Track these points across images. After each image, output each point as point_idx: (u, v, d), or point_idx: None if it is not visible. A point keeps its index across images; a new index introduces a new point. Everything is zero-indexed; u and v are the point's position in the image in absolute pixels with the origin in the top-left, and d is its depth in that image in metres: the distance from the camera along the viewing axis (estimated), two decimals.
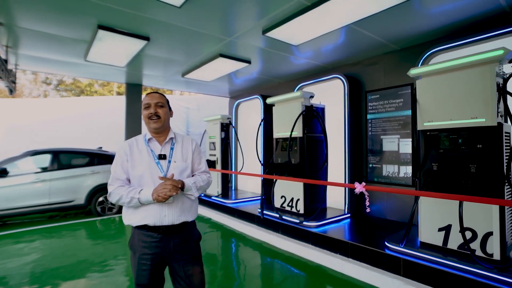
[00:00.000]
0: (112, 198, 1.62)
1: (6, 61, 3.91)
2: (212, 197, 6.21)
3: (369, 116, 4.46)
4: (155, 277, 1.65)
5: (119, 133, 6.61)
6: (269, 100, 4.84)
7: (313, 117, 4.34)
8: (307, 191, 4.23)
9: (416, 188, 2.96)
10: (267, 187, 5.23)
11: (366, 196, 2.88)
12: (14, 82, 4.65)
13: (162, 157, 1.71)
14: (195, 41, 3.86)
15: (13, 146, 6.26)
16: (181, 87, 7.66)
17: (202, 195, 6.61)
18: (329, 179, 4.56)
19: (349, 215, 4.38)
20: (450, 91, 2.71)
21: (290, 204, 4.44)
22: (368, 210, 3.05)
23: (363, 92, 4.58)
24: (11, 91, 4.53)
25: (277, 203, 4.69)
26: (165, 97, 1.79)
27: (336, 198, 4.75)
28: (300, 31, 3.40)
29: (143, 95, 1.69)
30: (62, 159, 5.67)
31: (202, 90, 7.76)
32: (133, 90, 6.54)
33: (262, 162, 5.76)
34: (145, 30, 3.47)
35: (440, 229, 2.80)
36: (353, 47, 4.12)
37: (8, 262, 3.60)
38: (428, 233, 2.87)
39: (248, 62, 4.68)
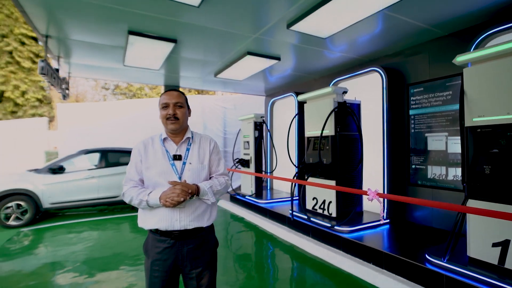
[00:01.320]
0: (125, 198, 1.57)
1: (57, 70, 4.34)
2: (246, 197, 6.21)
3: (411, 112, 4.00)
4: (168, 285, 1.58)
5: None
6: (300, 97, 4.65)
7: (346, 114, 4.04)
8: (340, 193, 3.96)
9: (465, 194, 2.55)
10: (301, 187, 5.05)
11: (380, 205, 2.56)
12: (67, 89, 5.15)
13: (177, 157, 1.61)
14: (221, 41, 3.85)
15: (78, 146, 6.96)
16: (218, 87, 7.80)
17: (236, 194, 6.66)
18: (365, 181, 4.21)
19: (387, 220, 3.99)
20: (506, 80, 2.27)
21: (322, 206, 4.21)
22: (381, 221, 2.71)
23: (404, 85, 4.13)
24: (64, 97, 5.02)
25: (309, 205, 4.49)
26: (184, 95, 1.69)
27: (374, 202, 4.37)
28: (327, 22, 3.17)
29: (162, 95, 1.63)
30: (109, 157, 6.16)
31: (238, 89, 7.80)
32: None
33: (295, 163, 5.58)
34: (171, 33, 3.56)
35: (494, 245, 2.37)
36: (391, 36, 3.73)
37: (59, 250, 4.01)
38: (479, 248, 2.45)
39: (278, 58, 4.53)
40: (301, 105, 5.53)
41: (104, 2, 2.86)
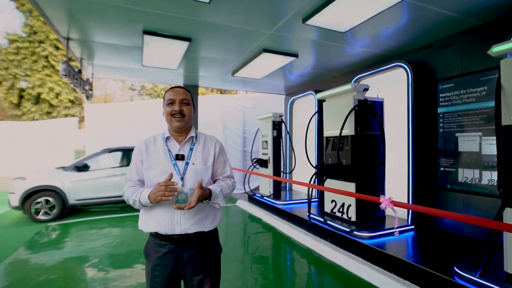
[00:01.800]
0: (124, 199, 1.54)
1: (80, 71, 4.49)
2: (264, 197, 6.11)
3: (440, 110, 3.69)
4: None
5: None
6: (319, 96, 4.46)
7: (368, 112, 3.81)
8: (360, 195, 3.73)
9: (502, 201, 2.27)
10: (321, 191, 4.86)
11: (395, 215, 2.33)
12: (90, 90, 5.33)
13: (179, 157, 1.54)
14: (236, 38, 3.78)
15: (104, 145, 7.22)
16: (238, 87, 7.76)
17: (254, 194, 6.57)
18: (388, 184, 3.95)
19: (412, 227, 3.72)
20: None
21: (341, 209, 4.01)
22: (396, 233, 2.48)
23: (432, 81, 3.82)
24: (88, 97, 5.20)
25: (328, 207, 4.30)
26: (190, 93, 1.63)
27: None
28: (345, 15, 2.98)
29: (168, 92, 1.57)
30: (131, 156, 6.31)
31: (258, 88, 7.71)
32: (190, 90, 6.84)
33: (314, 164, 5.39)
34: (185, 31, 3.53)
35: None
36: (418, 28, 3.45)
37: (80, 245, 4.15)
38: None
39: (295, 55, 4.38)
40: (320, 103, 5.33)
41: (120, 2, 2.88)
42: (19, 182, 5.39)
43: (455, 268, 2.45)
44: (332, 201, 4.17)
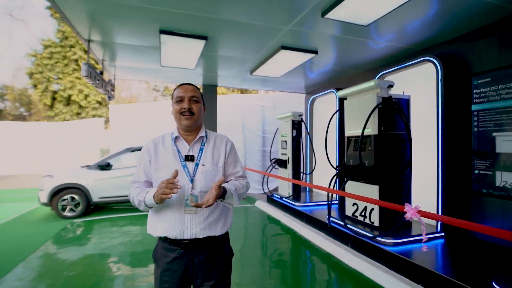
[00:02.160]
0: (130, 201, 1.48)
1: (102, 72, 4.60)
2: (283, 198, 5.98)
3: (474, 107, 3.38)
4: None
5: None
6: (340, 93, 4.27)
7: (393, 110, 3.57)
8: (383, 198, 3.51)
9: None
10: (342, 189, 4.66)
11: (422, 227, 2.11)
12: (112, 90, 5.46)
13: (189, 158, 1.46)
14: (252, 35, 3.68)
15: (127, 145, 7.43)
16: (257, 85, 7.69)
17: (273, 195, 6.45)
18: (415, 187, 3.68)
19: (443, 234, 3.44)
20: None
21: (363, 213, 3.79)
22: (424, 248, 2.25)
23: (465, 76, 3.51)
24: (110, 98, 5.33)
25: (349, 210, 4.09)
26: (199, 90, 1.56)
27: (425, 208, 3.82)
28: (367, 6, 2.79)
29: (176, 89, 1.51)
30: None
31: (277, 87, 7.59)
32: (209, 90, 6.88)
33: (336, 165, 5.18)
34: (201, 29, 3.49)
35: None
36: (449, 18, 3.18)
37: (101, 242, 4.25)
38: None
39: (315, 52, 4.21)
40: (341, 102, 5.12)
41: (137, 2, 2.88)
42: (47, 179, 5.63)
43: (494, 284, 2.20)
44: (354, 204, 3.97)
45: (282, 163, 6.31)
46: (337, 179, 4.23)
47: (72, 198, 5.66)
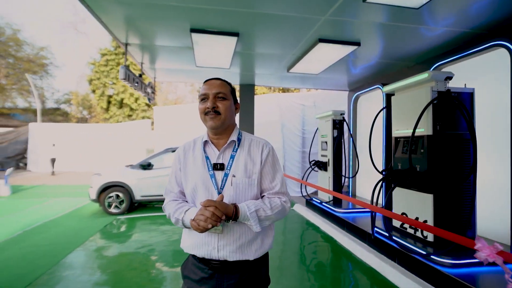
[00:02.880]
0: (166, 214, 1.31)
1: (141, 75, 4.73)
2: (323, 203, 5.60)
3: None
4: None
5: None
6: (386, 88, 3.80)
7: (451, 106, 3.04)
8: (439, 209, 3.01)
9: None
10: (387, 196, 4.18)
11: (507, 277, 1.61)
12: (153, 93, 5.63)
13: (218, 167, 1.25)
14: (286, 28, 3.42)
15: (170, 145, 7.70)
16: (296, 84, 7.40)
17: (312, 199, 6.10)
18: (480, 198, 3.09)
19: None
20: None
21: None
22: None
23: None
24: (150, 100, 5.49)
25: (396, 221, 3.61)
26: (229, 85, 1.34)
27: (493, 224, 3.21)
28: None
29: (202, 86, 1.35)
30: None
31: (318, 84, 7.20)
32: (246, 90, 6.76)
33: (381, 168, 4.67)
34: (232, 25, 3.34)
35: None
36: None
37: (141, 240, 4.39)
38: None
39: (357, 44, 3.81)
40: (389, 98, 4.60)
41: (166, 1, 2.83)
42: (96, 177, 6.02)
43: None
44: (403, 213, 3.48)
45: (322, 166, 5.93)
46: (383, 185, 3.78)
47: (117, 196, 5.97)
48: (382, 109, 4.43)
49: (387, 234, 3.37)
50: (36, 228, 5.04)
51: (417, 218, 3.25)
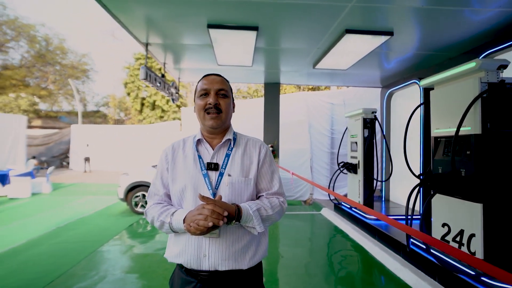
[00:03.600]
0: (147, 218, 1.23)
1: (163, 75, 4.72)
2: (353, 208, 5.22)
3: None
4: None
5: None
6: (424, 82, 3.37)
7: (506, 100, 2.58)
8: (490, 221, 2.56)
9: None
10: (426, 203, 3.74)
11: None
12: (177, 93, 5.62)
13: (212, 166, 1.19)
14: (309, 19, 3.15)
15: None
16: (324, 81, 7.04)
17: (341, 203, 5.72)
18: None
19: None
20: None
21: (457, 238, 2.87)
22: None
23: None
24: (173, 100, 5.49)
25: (436, 232, 3.18)
26: (228, 83, 1.29)
27: None
28: None
29: (201, 80, 1.26)
30: None
31: (347, 81, 6.77)
32: (271, 88, 6.54)
33: (418, 172, 4.21)
34: (250, 18, 3.14)
35: None
36: None
37: (162, 241, 4.34)
38: None
39: (389, 33, 3.42)
40: (427, 93, 4.13)
41: None
42: (124, 177, 6.16)
43: None
44: (444, 225, 3.05)
45: (351, 168, 5.53)
46: (421, 191, 3.36)
47: (143, 195, 6.05)
48: (419, 106, 3.97)
49: (425, 247, 2.97)
50: (68, 225, 5.26)
51: (461, 231, 2.81)
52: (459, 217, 2.83)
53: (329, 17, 3.10)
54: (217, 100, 1.19)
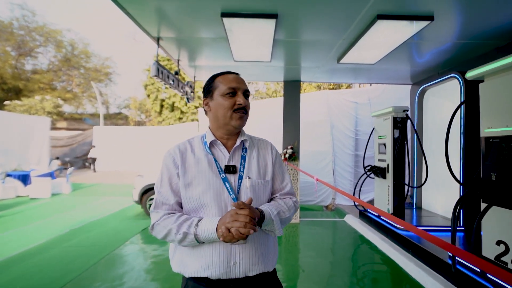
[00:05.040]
0: (157, 232, 1.09)
1: (177, 73, 4.49)
2: (381, 216, 4.74)
3: None
4: None
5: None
6: (470, 74, 2.90)
7: None
8: None
9: None
10: (471, 216, 3.25)
11: None
12: (192, 92, 5.39)
13: (230, 170, 1.14)
14: (334, 4, 2.77)
15: None
16: (348, 78, 6.55)
17: (369, 210, 5.25)
18: None
19: None
20: None
21: None
22: None
23: None
24: (188, 100, 5.26)
25: (488, 250, 2.69)
26: None
27: None
28: None
29: (224, 77, 1.19)
30: None
31: (374, 78, 6.26)
32: (291, 87, 6.17)
33: (460, 180, 3.70)
34: (269, 5, 2.80)
35: None
36: None
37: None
38: None
39: (429, 18, 2.96)
40: (469, 88, 3.63)
41: None
42: (138, 179, 6.02)
43: None
44: (499, 242, 2.56)
45: (379, 172, 5.05)
46: (467, 202, 2.87)
47: None
48: (462, 102, 3.47)
49: (477, 270, 2.50)
50: (82, 227, 5.16)
51: None
52: None
53: (357, 1, 2.71)
54: (246, 102, 1.16)
